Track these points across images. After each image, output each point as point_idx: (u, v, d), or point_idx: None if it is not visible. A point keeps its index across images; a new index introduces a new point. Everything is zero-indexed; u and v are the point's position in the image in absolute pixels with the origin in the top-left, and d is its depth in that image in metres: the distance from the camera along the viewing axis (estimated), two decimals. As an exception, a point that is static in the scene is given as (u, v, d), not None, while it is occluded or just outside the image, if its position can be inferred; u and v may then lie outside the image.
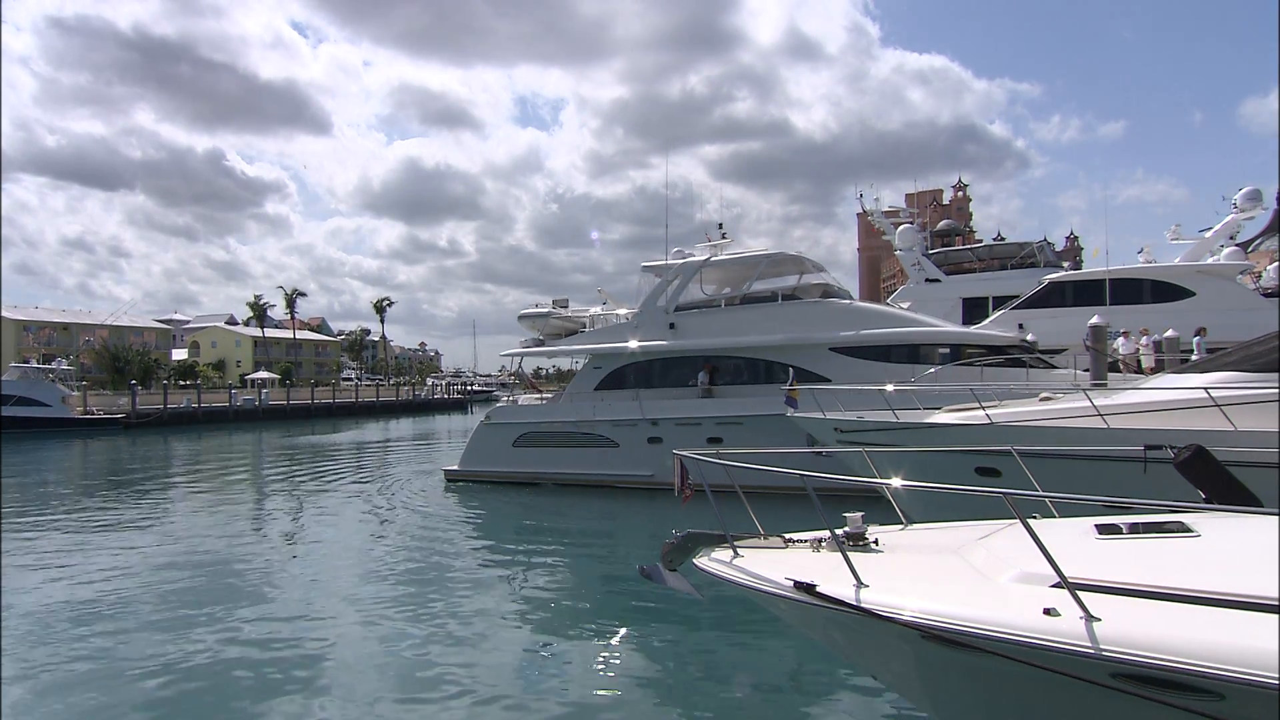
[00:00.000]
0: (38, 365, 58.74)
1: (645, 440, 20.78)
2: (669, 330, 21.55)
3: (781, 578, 4.27)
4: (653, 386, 21.54)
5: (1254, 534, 3.85)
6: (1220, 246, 26.36)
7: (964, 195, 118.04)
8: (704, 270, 22.37)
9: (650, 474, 20.31)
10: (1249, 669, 2.77)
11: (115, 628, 9.94)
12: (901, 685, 4.71)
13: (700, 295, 22.62)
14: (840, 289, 21.99)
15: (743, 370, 20.99)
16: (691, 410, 20.49)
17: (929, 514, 6.76)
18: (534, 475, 21.96)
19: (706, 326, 21.44)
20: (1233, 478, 5.29)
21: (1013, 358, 18.92)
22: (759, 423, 18.95)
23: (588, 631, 10.02)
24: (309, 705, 7.55)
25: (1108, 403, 10.26)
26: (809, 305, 20.85)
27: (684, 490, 5.40)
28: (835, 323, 20.26)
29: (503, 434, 22.82)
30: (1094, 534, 4.22)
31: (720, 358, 21.21)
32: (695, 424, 20.13)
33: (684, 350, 21.38)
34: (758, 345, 20.66)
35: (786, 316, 20.67)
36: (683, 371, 21.43)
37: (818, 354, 19.91)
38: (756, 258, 22.07)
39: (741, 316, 21.30)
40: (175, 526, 17.74)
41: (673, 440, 19.99)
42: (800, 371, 19.65)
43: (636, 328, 21.96)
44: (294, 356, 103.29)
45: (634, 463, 20.83)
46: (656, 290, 22.13)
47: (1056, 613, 3.30)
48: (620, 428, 21.19)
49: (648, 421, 20.78)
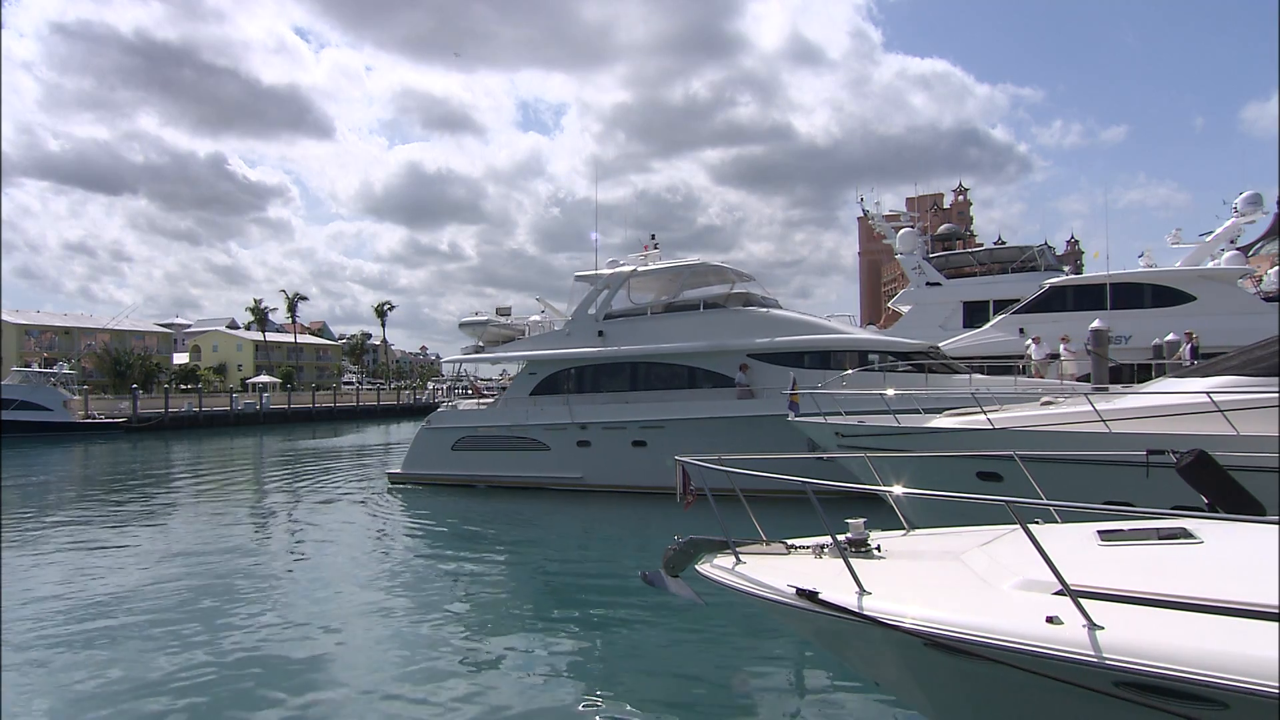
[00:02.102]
0: (39, 369, 58.82)
1: (575, 444, 21.53)
2: (598, 337, 22.38)
3: (784, 584, 4.26)
4: (584, 391, 22.33)
5: (1258, 541, 3.84)
6: (1221, 250, 26.38)
7: (965, 199, 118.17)
8: (634, 280, 23.20)
9: (580, 476, 21.32)
10: (1253, 678, 2.76)
11: (101, 628, 9.95)
12: (903, 692, 4.70)
13: (631, 304, 23.48)
14: (763, 298, 22.65)
15: (667, 375, 21.76)
16: (618, 415, 21.26)
17: (930, 519, 6.75)
18: (471, 478, 22.79)
19: (633, 334, 22.21)
20: (1235, 482, 5.27)
21: (916, 363, 19.66)
22: (681, 426, 19.90)
23: (584, 635, 10.01)
24: (307, 707, 7.54)
25: (1109, 407, 10.25)
26: (729, 313, 21.63)
27: (686, 495, 5.38)
28: (752, 330, 20.98)
29: (442, 438, 23.63)
30: (1096, 540, 4.20)
31: (646, 363, 22.05)
32: (621, 428, 20.99)
33: (611, 357, 22.19)
34: (680, 352, 21.43)
35: (707, 324, 21.43)
36: (612, 377, 22.25)
37: (735, 359, 20.66)
38: (680, 268, 22.97)
39: (666, 324, 22.03)
40: (166, 529, 17.74)
41: (600, 443, 21.22)
42: (717, 377, 20.70)
43: (569, 335, 22.88)
44: (295, 360, 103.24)
45: (564, 465, 21.61)
46: (588, 299, 22.98)
47: (1059, 620, 3.29)
48: (551, 431, 21.92)
49: (577, 425, 21.52)
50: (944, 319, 28.14)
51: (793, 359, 20.27)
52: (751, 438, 18.41)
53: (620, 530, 17.48)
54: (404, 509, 20.28)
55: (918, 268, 29.67)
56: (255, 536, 17.08)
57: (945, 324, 27.79)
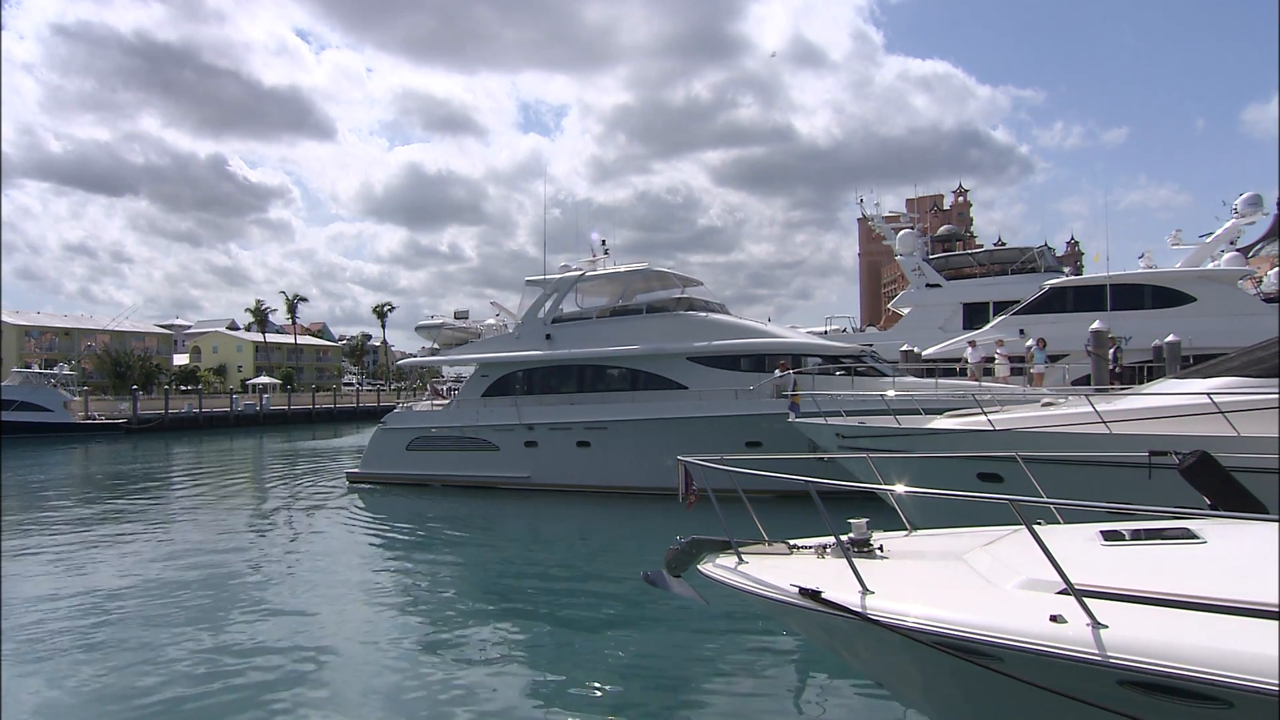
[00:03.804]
0: (39, 370, 58.85)
1: (522, 444, 22.17)
2: (546, 340, 22.96)
3: (787, 584, 4.27)
4: (534, 393, 22.90)
5: (1260, 540, 3.85)
6: (1221, 252, 26.39)
7: (964, 200, 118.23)
8: (582, 284, 23.79)
9: (527, 475, 21.90)
10: (1257, 676, 2.77)
11: (87, 629, 9.95)
12: (907, 692, 4.71)
13: (578, 308, 24.10)
14: (705, 302, 23.10)
15: (611, 378, 22.30)
16: (563, 416, 21.87)
17: (931, 520, 6.75)
18: (425, 477, 23.41)
19: (579, 337, 22.81)
20: (1238, 483, 5.28)
21: (846, 366, 20.26)
22: (622, 427, 20.68)
23: (592, 634, 10.01)
24: (301, 706, 7.55)
25: (1109, 408, 10.25)
26: (669, 317, 22.12)
27: (688, 496, 5.38)
28: (691, 334, 21.49)
29: (397, 438, 24.32)
30: (1099, 540, 4.20)
31: (591, 366, 22.59)
32: (566, 428, 21.61)
33: (557, 360, 22.79)
34: (623, 355, 21.96)
35: (649, 328, 21.97)
36: (560, 379, 22.85)
37: (675, 363, 21.25)
38: (625, 274, 23.55)
39: (610, 328, 22.62)
40: (156, 531, 17.76)
41: (547, 444, 21.78)
42: (658, 379, 21.24)
43: (518, 338, 23.57)
44: (295, 362, 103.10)
45: (512, 465, 22.18)
46: (537, 303, 23.61)
47: (1063, 620, 3.29)
48: (500, 432, 22.52)
49: (524, 426, 22.12)
50: (944, 320, 28.16)
51: (730, 362, 20.95)
52: (691, 439, 18.82)
53: (566, 529, 17.99)
54: (360, 510, 20.60)
55: (918, 269, 29.69)
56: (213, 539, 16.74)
57: (945, 325, 27.81)
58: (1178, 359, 18.30)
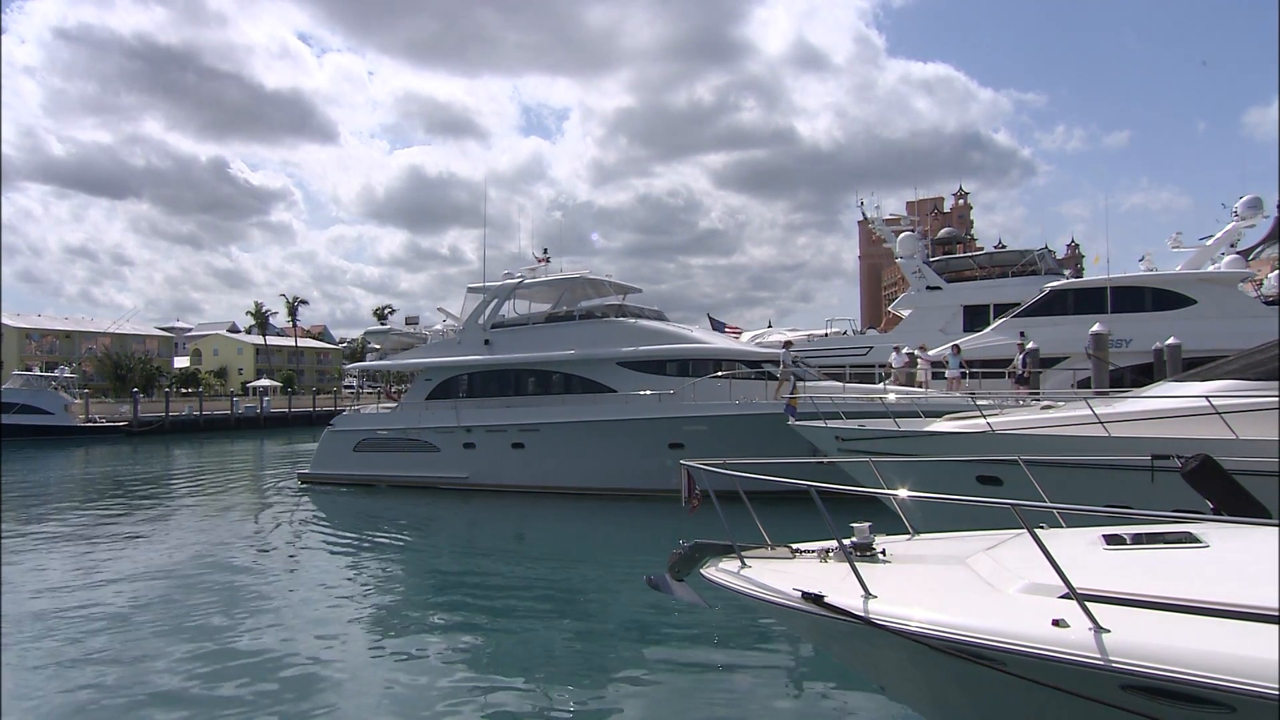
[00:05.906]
0: (40, 373, 58.86)
1: (461, 445, 22.91)
2: (484, 345, 23.75)
3: (789, 588, 4.27)
4: (474, 396, 23.61)
5: (1263, 544, 3.85)
6: (1221, 254, 26.39)
7: (965, 203, 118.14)
8: (520, 291, 24.53)
9: (466, 475, 22.69)
10: (1260, 681, 2.77)
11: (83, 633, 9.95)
12: (909, 696, 4.71)
13: (517, 315, 24.88)
14: (638, 309, 23.81)
15: (545, 382, 22.93)
16: (499, 419, 22.58)
17: (933, 524, 6.75)
18: (371, 477, 24.13)
19: (516, 342, 23.59)
20: (1240, 487, 5.27)
21: (764, 371, 20.86)
22: (554, 429, 21.47)
23: (608, 645, 10.01)
24: (303, 704, 7.56)
25: (1109, 411, 10.24)
26: (601, 324, 22.88)
27: (691, 499, 5.38)
28: (620, 339, 22.23)
29: (345, 440, 25.10)
30: (1101, 544, 4.21)
31: (527, 370, 23.26)
32: (502, 430, 22.36)
33: (494, 364, 23.54)
34: (556, 359, 22.64)
35: (582, 334, 22.73)
36: (498, 383, 23.53)
37: (606, 367, 21.93)
38: (561, 281, 24.40)
39: (545, 334, 23.44)
40: (149, 533, 17.75)
41: (484, 445, 22.55)
42: (590, 383, 21.87)
43: (459, 343, 24.29)
44: (296, 364, 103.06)
45: (452, 465, 22.98)
46: (477, 309, 24.39)
47: (1065, 624, 3.29)
48: (440, 434, 23.29)
49: (462, 428, 22.85)
50: (944, 323, 28.14)
51: (657, 366, 21.56)
52: (618, 441, 20.24)
53: (502, 530, 18.46)
54: (307, 510, 21.04)
55: (918, 271, 29.67)
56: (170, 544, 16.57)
57: (945, 328, 27.78)
58: (1178, 361, 18.29)
